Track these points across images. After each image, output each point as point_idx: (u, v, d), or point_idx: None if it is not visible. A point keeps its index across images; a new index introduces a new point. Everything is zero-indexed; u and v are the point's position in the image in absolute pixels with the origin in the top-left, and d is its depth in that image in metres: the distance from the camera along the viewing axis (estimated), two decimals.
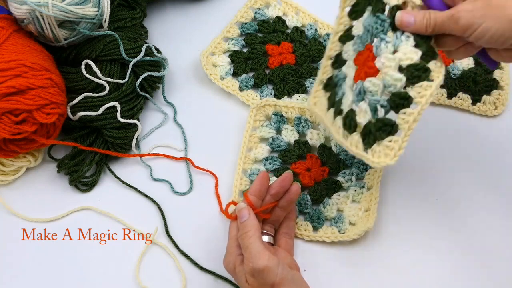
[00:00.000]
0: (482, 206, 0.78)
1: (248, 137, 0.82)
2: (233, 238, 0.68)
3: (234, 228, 0.69)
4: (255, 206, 0.69)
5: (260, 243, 0.64)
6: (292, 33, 0.92)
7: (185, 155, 0.83)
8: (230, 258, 0.67)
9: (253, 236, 0.65)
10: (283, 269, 0.63)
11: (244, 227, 0.66)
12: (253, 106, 0.83)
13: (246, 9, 0.94)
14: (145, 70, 0.84)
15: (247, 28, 0.93)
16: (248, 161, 0.81)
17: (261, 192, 0.70)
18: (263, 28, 0.93)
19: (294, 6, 0.94)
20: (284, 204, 0.71)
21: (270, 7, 0.94)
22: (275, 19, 0.93)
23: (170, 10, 0.97)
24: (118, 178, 0.80)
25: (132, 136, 0.81)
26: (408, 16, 0.61)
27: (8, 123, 0.71)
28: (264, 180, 0.70)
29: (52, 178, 0.80)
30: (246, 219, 0.67)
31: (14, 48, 0.74)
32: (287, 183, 0.71)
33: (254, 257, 0.63)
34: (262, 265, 0.62)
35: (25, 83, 0.71)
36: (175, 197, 0.79)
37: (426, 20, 0.60)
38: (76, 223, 0.77)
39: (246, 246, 0.64)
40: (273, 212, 0.72)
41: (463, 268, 0.73)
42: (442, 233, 0.76)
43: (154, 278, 0.73)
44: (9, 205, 0.77)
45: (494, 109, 0.83)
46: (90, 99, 0.79)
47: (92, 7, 0.78)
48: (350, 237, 0.73)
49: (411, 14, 0.61)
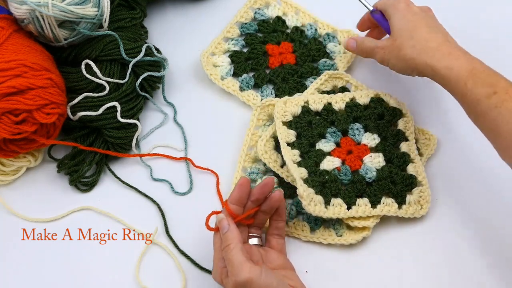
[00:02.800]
0: (481, 206, 0.78)
1: (251, 135, 0.82)
2: (217, 250, 0.67)
3: (218, 240, 0.67)
4: (235, 214, 0.67)
5: (241, 255, 0.63)
6: (292, 33, 0.91)
7: (185, 155, 0.83)
8: (217, 271, 0.66)
9: (234, 249, 0.63)
10: (266, 276, 0.62)
11: (225, 240, 0.65)
12: (257, 105, 0.83)
13: (246, 9, 0.94)
14: (145, 70, 0.84)
15: (247, 28, 0.92)
16: (249, 159, 0.81)
17: (241, 199, 0.68)
18: (263, 28, 0.92)
19: (294, 6, 0.94)
20: (266, 209, 0.70)
21: (270, 7, 0.94)
22: (275, 19, 0.93)
23: (170, 10, 0.97)
24: (118, 178, 0.80)
25: (132, 136, 0.81)
26: (351, 40, 0.84)
27: (8, 123, 0.71)
28: (244, 187, 0.68)
29: (52, 178, 0.80)
30: (226, 231, 0.65)
31: (14, 48, 0.74)
32: (267, 189, 0.69)
33: (236, 270, 0.62)
34: (244, 278, 0.61)
35: (25, 83, 0.71)
36: (175, 197, 0.79)
37: (361, 46, 0.81)
38: (76, 223, 0.77)
39: (228, 259, 0.63)
40: (256, 217, 0.70)
41: (463, 270, 0.73)
42: (442, 235, 0.76)
43: (154, 278, 0.73)
44: (9, 205, 0.78)
45: (420, 209, 0.76)
46: (90, 99, 0.79)
47: (92, 7, 0.78)
48: (347, 241, 0.73)
49: (353, 39, 0.84)
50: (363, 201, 0.75)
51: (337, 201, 0.74)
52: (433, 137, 0.82)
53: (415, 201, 0.76)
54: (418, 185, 0.77)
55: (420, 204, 0.76)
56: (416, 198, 0.76)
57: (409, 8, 0.77)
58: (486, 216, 0.77)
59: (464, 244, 0.75)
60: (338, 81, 0.86)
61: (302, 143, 0.78)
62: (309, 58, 0.89)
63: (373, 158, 0.78)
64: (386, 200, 0.75)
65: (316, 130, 0.80)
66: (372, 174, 0.77)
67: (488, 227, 0.76)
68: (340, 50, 0.89)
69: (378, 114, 0.81)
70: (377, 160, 0.78)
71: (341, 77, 0.86)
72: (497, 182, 0.79)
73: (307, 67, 0.88)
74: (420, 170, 0.78)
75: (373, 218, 0.74)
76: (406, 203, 0.76)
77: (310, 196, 0.71)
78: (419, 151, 0.81)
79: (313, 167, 0.76)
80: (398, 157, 0.78)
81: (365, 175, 0.76)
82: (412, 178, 0.77)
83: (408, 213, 0.75)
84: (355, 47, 0.83)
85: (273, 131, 0.80)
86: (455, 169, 0.81)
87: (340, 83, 0.86)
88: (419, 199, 0.76)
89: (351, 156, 0.78)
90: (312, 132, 0.80)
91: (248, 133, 0.82)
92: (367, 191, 0.76)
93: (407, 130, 0.80)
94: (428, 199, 0.76)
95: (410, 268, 0.74)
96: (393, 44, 0.75)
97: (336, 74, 0.86)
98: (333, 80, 0.86)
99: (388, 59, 0.76)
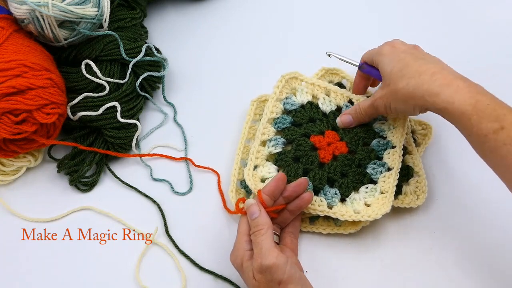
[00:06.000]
0: (479, 204, 0.78)
1: (248, 128, 0.82)
2: (242, 233, 0.68)
3: (244, 224, 0.69)
4: (266, 204, 0.69)
5: (271, 241, 0.65)
6: (331, 120, 0.79)
7: (185, 155, 0.83)
8: (238, 253, 0.67)
9: (266, 234, 0.66)
10: (291, 267, 0.64)
11: (257, 225, 0.67)
12: (253, 100, 0.84)
13: (274, 103, 0.81)
14: (145, 70, 0.84)
15: (281, 123, 0.80)
16: (246, 151, 0.81)
17: (275, 193, 0.70)
18: (298, 119, 0.80)
19: (323, 87, 0.82)
20: (293, 208, 0.71)
21: (297, 93, 0.82)
22: (307, 106, 0.81)
23: (170, 10, 0.97)
24: (118, 178, 0.80)
25: (132, 136, 0.81)
26: (345, 117, 0.78)
27: (8, 123, 0.71)
28: (280, 182, 0.70)
29: (52, 178, 0.80)
30: (257, 216, 0.67)
31: (14, 48, 0.74)
32: (301, 188, 0.71)
33: (263, 254, 0.64)
34: (271, 262, 0.63)
35: (25, 83, 0.71)
36: (175, 197, 0.79)
37: (359, 113, 0.76)
38: (76, 223, 0.77)
39: (257, 242, 0.65)
40: (281, 214, 0.72)
41: (464, 267, 0.73)
42: (446, 234, 0.76)
43: (154, 278, 0.73)
44: (9, 205, 0.78)
45: (416, 199, 0.75)
46: (90, 99, 0.79)
47: (92, 7, 0.78)
48: (346, 230, 0.74)
49: (346, 114, 0.78)
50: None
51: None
52: (430, 126, 0.81)
53: (411, 191, 0.76)
54: (415, 176, 0.77)
55: (417, 194, 0.76)
56: (412, 188, 0.76)
57: (394, 49, 0.73)
58: (486, 214, 0.77)
59: (466, 243, 0.75)
60: (334, 77, 0.86)
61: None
62: (361, 141, 0.77)
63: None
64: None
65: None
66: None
67: (488, 221, 0.76)
68: (390, 125, 0.78)
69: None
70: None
71: (337, 73, 0.86)
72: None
73: (363, 152, 0.76)
74: (416, 161, 0.78)
75: None
76: (402, 193, 0.76)
77: None
78: (416, 142, 0.81)
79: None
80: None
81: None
82: (409, 169, 0.77)
83: (404, 203, 0.75)
84: (352, 120, 0.77)
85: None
86: (452, 159, 0.81)
87: (336, 79, 0.86)
88: (416, 189, 0.76)
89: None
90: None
91: (246, 126, 0.83)
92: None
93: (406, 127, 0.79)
94: (424, 189, 0.76)
95: (413, 269, 0.73)
96: (388, 88, 0.71)
97: (332, 70, 0.86)
98: (329, 75, 0.86)
99: (389, 105, 0.72)
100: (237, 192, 0.78)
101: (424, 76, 0.67)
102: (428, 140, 0.81)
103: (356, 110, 0.77)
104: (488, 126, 0.61)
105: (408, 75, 0.68)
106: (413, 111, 0.70)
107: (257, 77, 0.90)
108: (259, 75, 0.90)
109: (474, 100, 0.63)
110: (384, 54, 0.73)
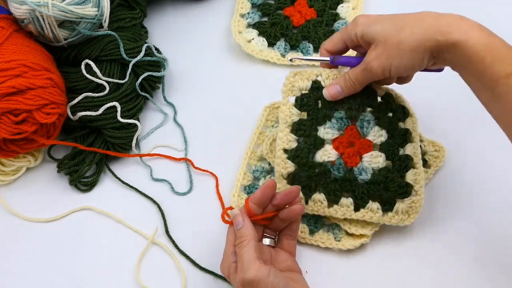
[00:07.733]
0: (479, 206, 0.78)
1: (258, 134, 0.82)
2: (229, 244, 0.67)
3: (231, 234, 0.67)
4: (253, 213, 0.67)
5: (253, 252, 0.63)
6: None
7: (185, 155, 0.83)
8: (225, 265, 0.66)
9: (248, 245, 0.63)
10: (274, 277, 0.62)
11: (239, 236, 0.65)
12: (266, 106, 0.84)
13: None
14: (145, 70, 0.84)
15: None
16: (254, 157, 0.81)
17: (262, 201, 0.67)
18: None
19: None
20: (284, 217, 0.68)
21: None
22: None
23: (170, 10, 0.97)
24: (118, 178, 0.80)
25: (132, 136, 0.81)
26: (332, 87, 0.70)
27: (8, 123, 0.71)
28: (268, 189, 0.67)
29: (52, 178, 0.80)
30: (241, 227, 0.65)
31: (14, 48, 0.74)
32: (291, 197, 0.68)
33: (245, 267, 0.62)
34: (252, 276, 0.61)
35: (25, 83, 0.71)
36: (175, 197, 0.79)
37: (349, 81, 0.69)
38: (76, 223, 0.77)
39: (240, 255, 0.63)
40: (273, 221, 0.70)
41: (465, 268, 0.73)
42: (446, 235, 0.76)
43: (154, 278, 0.73)
44: (9, 205, 0.78)
45: (406, 218, 0.71)
46: (90, 99, 0.79)
47: (92, 7, 0.78)
48: (345, 246, 0.73)
49: (334, 84, 0.70)
50: (347, 202, 0.70)
51: (319, 197, 0.71)
52: (443, 149, 0.77)
53: (402, 211, 0.70)
54: (412, 195, 0.71)
55: (408, 213, 0.71)
56: (405, 207, 0.70)
57: (369, 16, 0.68)
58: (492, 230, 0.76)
59: (464, 249, 0.75)
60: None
61: (305, 125, 0.72)
62: (327, 6, 0.94)
63: (373, 157, 0.71)
64: (371, 205, 0.70)
65: (322, 111, 0.72)
66: (367, 176, 0.70)
67: (494, 241, 0.75)
68: None
69: (390, 110, 0.74)
70: (377, 160, 0.71)
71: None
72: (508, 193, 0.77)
73: (330, 15, 0.93)
74: (419, 178, 0.71)
75: (372, 226, 0.72)
76: (393, 211, 0.70)
77: None
78: (427, 163, 0.77)
79: (305, 157, 0.71)
80: (401, 160, 0.71)
81: (358, 176, 0.70)
82: (408, 187, 0.70)
83: (392, 221, 0.71)
84: (340, 91, 0.71)
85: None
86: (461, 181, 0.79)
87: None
88: (408, 209, 0.71)
89: (351, 150, 0.71)
90: (318, 114, 0.72)
91: (256, 131, 0.82)
92: (355, 192, 0.70)
93: (414, 131, 0.73)
94: (418, 210, 0.70)
95: (410, 273, 0.73)
96: (384, 46, 0.64)
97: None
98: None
99: (390, 64, 0.65)
100: (239, 197, 0.78)
101: (427, 19, 0.62)
102: (440, 163, 0.77)
103: (345, 79, 0.70)
104: (501, 69, 0.58)
105: (409, 25, 0.63)
106: (422, 62, 0.64)
107: (257, 77, 0.90)
108: (259, 76, 0.90)
109: (487, 40, 0.59)
110: (363, 23, 0.67)
